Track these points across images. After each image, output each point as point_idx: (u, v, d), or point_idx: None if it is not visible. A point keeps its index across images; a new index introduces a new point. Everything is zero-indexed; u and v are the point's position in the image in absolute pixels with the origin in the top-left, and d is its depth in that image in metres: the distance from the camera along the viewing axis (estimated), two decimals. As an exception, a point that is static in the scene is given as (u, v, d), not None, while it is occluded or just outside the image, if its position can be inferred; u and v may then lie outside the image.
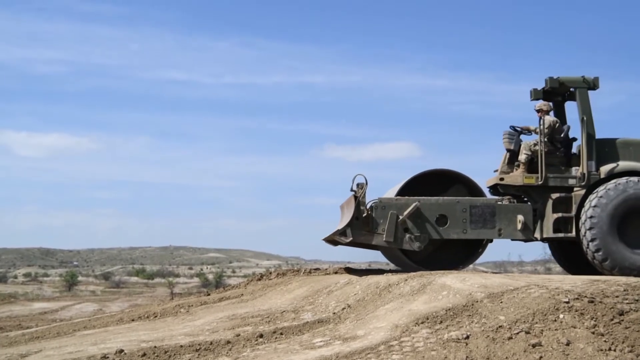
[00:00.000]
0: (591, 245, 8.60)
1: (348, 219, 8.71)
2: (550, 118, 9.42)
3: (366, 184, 8.85)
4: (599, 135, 9.20)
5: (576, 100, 9.30)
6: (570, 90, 9.50)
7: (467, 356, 5.16)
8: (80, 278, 51.85)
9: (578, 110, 9.25)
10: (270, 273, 12.04)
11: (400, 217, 8.68)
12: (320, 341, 5.88)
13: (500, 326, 5.56)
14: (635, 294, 6.14)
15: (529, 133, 9.57)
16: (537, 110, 9.50)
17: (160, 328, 8.08)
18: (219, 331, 7.07)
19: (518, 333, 5.41)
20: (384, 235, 8.65)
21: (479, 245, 9.43)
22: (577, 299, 5.91)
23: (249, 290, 10.70)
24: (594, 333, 5.39)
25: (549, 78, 9.45)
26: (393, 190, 9.49)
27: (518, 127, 9.63)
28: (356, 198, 8.76)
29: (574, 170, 9.09)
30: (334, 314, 7.18)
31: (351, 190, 9.01)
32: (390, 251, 9.78)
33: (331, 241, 9.73)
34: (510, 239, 9.14)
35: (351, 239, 8.67)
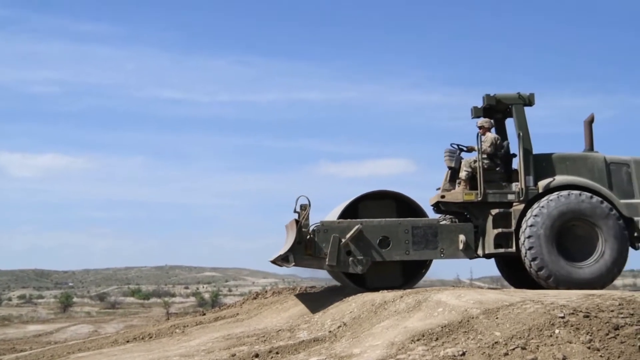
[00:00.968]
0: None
1: (291, 243, 8.61)
2: (492, 135, 9.50)
3: (309, 205, 8.79)
4: (552, 150, 9.40)
5: (513, 116, 9.38)
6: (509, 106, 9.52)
7: (464, 373, 5.14)
8: (75, 299, 51.52)
9: (515, 126, 9.34)
10: (266, 292, 12.05)
11: (343, 240, 8.59)
12: (316, 360, 5.85)
13: (496, 342, 5.55)
14: (630, 308, 6.13)
15: (470, 150, 9.63)
16: (479, 127, 9.61)
17: (155, 349, 8.04)
18: (214, 351, 7.04)
19: (514, 349, 5.40)
20: (327, 259, 8.55)
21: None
22: (573, 313, 5.90)
23: (245, 309, 10.69)
24: (589, 348, 5.38)
25: (485, 95, 9.51)
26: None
27: (459, 145, 9.70)
28: (297, 222, 8.68)
29: (514, 186, 9.17)
30: (330, 332, 7.16)
31: (294, 211, 8.91)
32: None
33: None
34: (452, 259, 9.12)
35: (294, 264, 8.58)
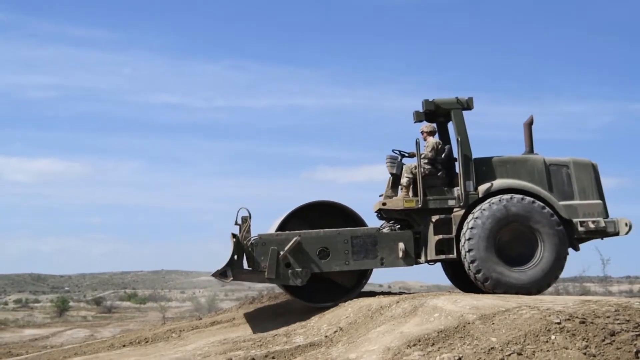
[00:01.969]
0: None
1: (229, 257, 8.45)
2: (432, 140, 9.51)
3: (250, 217, 8.68)
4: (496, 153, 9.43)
5: (452, 121, 9.39)
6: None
7: (459, 378, 5.14)
8: (71, 303, 51.27)
9: (454, 131, 9.35)
10: (262, 296, 12.01)
11: (282, 253, 8.49)
12: (312, 365, 5.85)
13: (492, 348, 5.55)
14: (627, 315, 6.14)
15: (412, 156, 9.59)
16: (421, 132, 9.61)
17: (151, 353, 8.03)
18: (210, 356, 7.03)
19: (510, 354, 5.40)
20: (266, 273, 8.45)
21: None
22: (569, 319, 5.91)
23: (241, 313, 10.66)
24: (585, 354, 5.38)
25: (424, 101, 9.48)
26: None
27: (401, 151, 9.67)
28: (234, 235, 8.58)
29: (455, 191, 9.17)
30: (326, 337, 7.16)
31: (235, 224, 8.80)
32: None
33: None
34: (393, 267, 9.05)
35: (232, 278, 8.46)
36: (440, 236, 8.96)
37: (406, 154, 9.68)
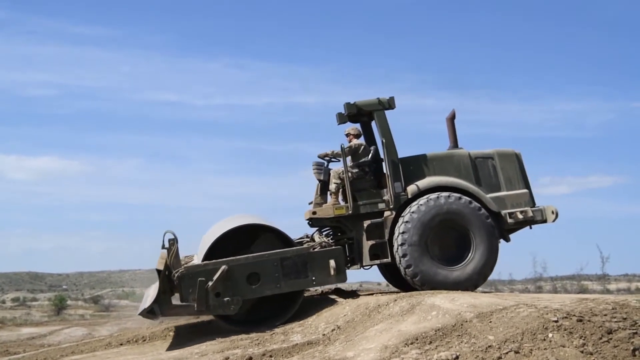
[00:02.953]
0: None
1: (155, 294, 8.15)
2: (355, 142, 9.43)
3: (176, 241, 8.41)
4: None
5: (375, 122, 9.30)
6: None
7: (457, 377, 5.14)
8: (69, 302, 51.19)
9: (378, 133, 9.27)
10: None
11: (210, 283, 8.15)
12: (310, 363, 5.85)
13: (489, 346, 5.56)
14: (624, 312, 6.15)
15: (337, 160, 9.44)
16: (346, 135, 9.54)
17: (148, 352, 8.03)
18: (207, 354, 7.03)
19: (507, 353, 5.41)
20: (196, 305, 8.14)
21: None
22: (566, 317, 5.92)
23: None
24: (582, 352, 5.40)
25: (346, 104, 9.36)
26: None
27: (326, 157, 9.51)
28: (160, 271, 8.19)
29: (384, 192, 9.13)
30: (324, 335, 7.16)
31: (163, 247, 8.46)
32: None
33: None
34: (326, 285, 8.91)
35: (161, 315, 8.22)
36: (374, 240, 8.96)
37: (333, 159, 9.52)
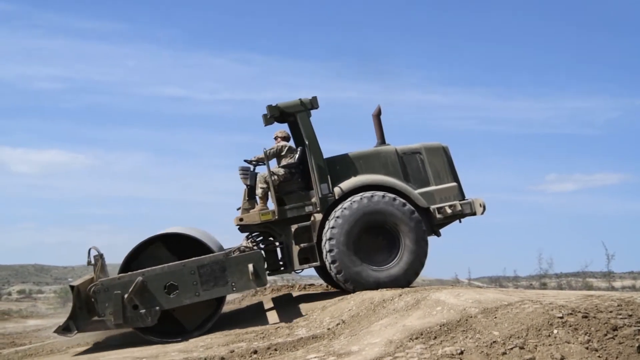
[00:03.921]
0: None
1: (70, 310, 8.11)
2: (278, 144, 9.34)
3: (101, 256, 8.33)
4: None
5: (299, 124, 9.19)
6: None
7: (461, 372, 5.14)
8: (74, 294, 51.39)
9: (303, 135, 9.16)
10: (265, 288, 12.01)
11: (127, 296, 8.04)
12: (315, 357, 5.85)
13: (494, 341, 5.55)
14: (629, 309, 6.14)
15: (263, 164, 9.32)
16: (274, 138, 9.46)
17: (153, 345, 8.05)
18: (213, 347, 7.05)
19: (512, 348, 5.41)
20: (113, 319, 8.04)
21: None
22: (571, 314, 5.91)
23: (244, 305, 10.69)
24: (587, 348, 5.39)
25: (268, 106, 9.19)
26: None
27: (252, 161, 9.39)
28: (73, 287, 8.13)
29: (312, 194, 9.07)
30: (329, 329, 7.17)
31: (88, 264, 8.51)
32: None
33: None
34: (247, 290, 8.67)
35: (77, 332, 8.13)
36: (303, 244, 8.91)
37: (259, 163, 9.39)
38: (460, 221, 9.46)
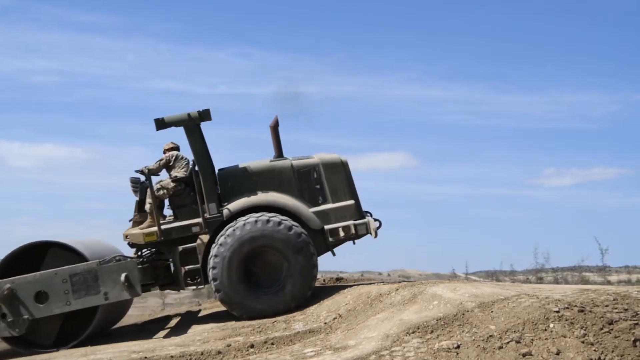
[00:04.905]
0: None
1: None
2: (166, 155, 9.02)
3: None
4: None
5: (187, 138, 8.76)
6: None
7: (458, 366, 5.16)
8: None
9: (191, 149, 8.77)
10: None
11: None
12: (312, 351, 5.87)
13: (490, 335, 5.56)
14: (625, 303, 6.15)
15: (156, 174, 9.01)
16: (164, 151, 9.15)
17: (150, 339, 8.06)
18: (209, 341, 7.06)
19: (508, 342, 5.42)
20: None
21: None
22: (567, 308, 5.92)
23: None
24: (584, 342, 5.40)
25: (155, 120, 8.69)
26: None
27: (143, 172, 8.97)
28: None
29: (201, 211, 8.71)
30: (325, 323, 7.18)
31: None
32: None
33: None
34: (121, 299, 8.29)
35: None
36: (189, 266, 8.66)
37: (152, 175, 8.98)
38: (354, 242, 9.11)
